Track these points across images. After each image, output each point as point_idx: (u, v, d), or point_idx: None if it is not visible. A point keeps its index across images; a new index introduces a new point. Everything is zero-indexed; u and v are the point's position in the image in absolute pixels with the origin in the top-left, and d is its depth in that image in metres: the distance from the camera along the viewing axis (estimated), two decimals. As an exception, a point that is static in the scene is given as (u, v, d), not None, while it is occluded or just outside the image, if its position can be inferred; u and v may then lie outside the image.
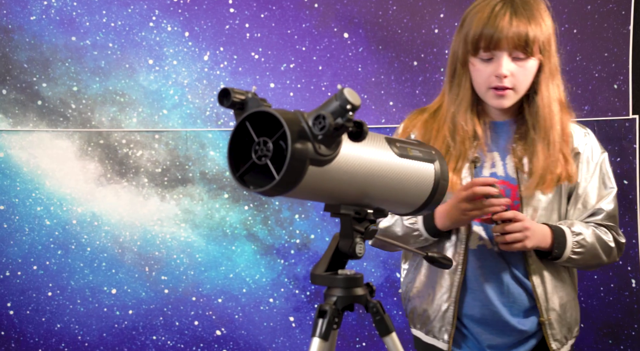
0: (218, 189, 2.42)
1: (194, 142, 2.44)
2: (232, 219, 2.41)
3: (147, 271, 2.39)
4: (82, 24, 2.42)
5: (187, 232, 2.41)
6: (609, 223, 1.35)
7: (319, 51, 2.41)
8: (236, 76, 2.42)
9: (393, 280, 2.37)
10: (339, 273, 1.16)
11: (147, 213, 2.41)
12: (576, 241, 1.29)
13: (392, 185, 1.15)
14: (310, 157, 1.01)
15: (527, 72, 1.23)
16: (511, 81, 1.24)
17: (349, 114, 1.02)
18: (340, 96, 1.03)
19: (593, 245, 1.31)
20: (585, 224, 1.34)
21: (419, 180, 1.18)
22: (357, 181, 1.10)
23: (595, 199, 1.34)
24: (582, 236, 1.30)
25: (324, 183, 1.06)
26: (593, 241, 1.31)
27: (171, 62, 2.43)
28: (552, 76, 1.23)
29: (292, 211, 2.40)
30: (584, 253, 1.30)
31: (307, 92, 2.41)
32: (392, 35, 2.35)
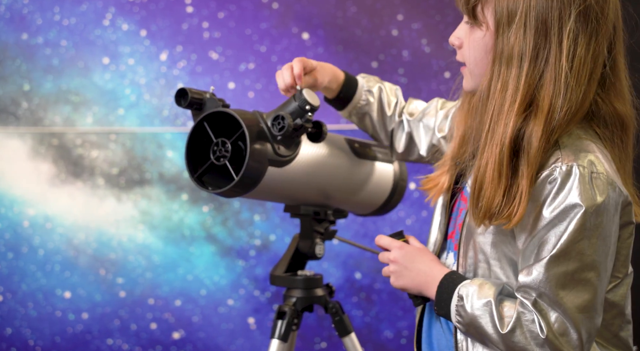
0: (176, 190, 2.38)
1: (151, 143, 2.40)
2: (190, 221, 2.38)
3: (103, 274, 2.34)
4: (33, 21, 2.35)
5: (145, 234, 2.36)
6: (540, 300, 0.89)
7: (278, 52, 2.40)
8: (194, 76, 2.39)
9: (353, 281, 2.38)
10: (298, 274, 1.16)
11: (103, 214, 2.35)
12: (457, 306, 0.93)
13: (351, 186, 1.15)
14: (269, 158, 1.01)
15: (471, 45, 0.94)
16: (461, 54, 0.98)
17: (308, 115, 1.02)
18: (299, 96, 1.02)
19: (473, 319, 0.92)
20: (497, 284, 0.93)
21: (378, 181, 1.19)
22: (316, 181, 1.10)
23: (551, 248, 0.89)
24: (463, 303, 0.93)
25: (283, 184, 1.05)
26: (479, 313, 0.91)
27: (127, 61, 2.38)
28: (507, 63, 0.90)
29: (251, 212, 2.39)
30: (466, 325, 0.93)
31: (267, 93, 2.40)
32: (351, 37, 2.36)
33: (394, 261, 1.01)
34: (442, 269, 0.98)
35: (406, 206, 2.38)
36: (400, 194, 1.24)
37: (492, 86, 0.91)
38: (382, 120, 1.22)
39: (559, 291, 0.87)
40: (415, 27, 2.48)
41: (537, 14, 0.90)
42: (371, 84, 1.21)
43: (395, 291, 2.34)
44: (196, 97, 1.04)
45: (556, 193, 0.88)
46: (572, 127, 0.91)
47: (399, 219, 2.37)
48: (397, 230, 1.04)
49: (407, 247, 1.02)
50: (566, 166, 0.88)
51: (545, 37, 0.90)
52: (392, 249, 1.02)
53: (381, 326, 2.38)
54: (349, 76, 1.21)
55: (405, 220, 2.39)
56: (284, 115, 1.00)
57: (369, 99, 1.20)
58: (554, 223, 0.88)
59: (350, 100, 1.19)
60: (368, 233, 2.40)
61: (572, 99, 0.89)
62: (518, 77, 0.89)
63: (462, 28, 0.97)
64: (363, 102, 1.20)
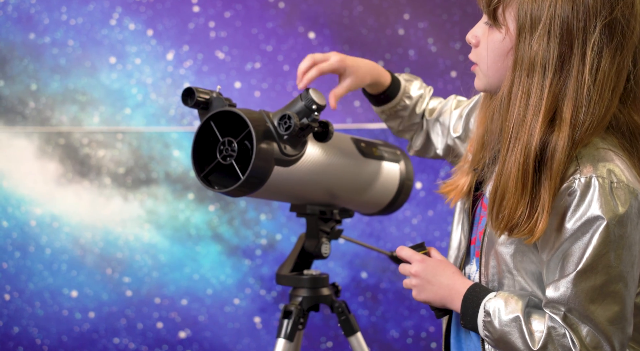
0: (182, 189, 2.39)
1: (157, 142, 2.41)
2: (196, 220, 2.39)
3: (109, 273, 2.35)
4: (40, 21, 2.36)
5: (151, 233, 2.37)
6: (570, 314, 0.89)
7: (284, 51, 2.40)
8: (201, 75, 2.39)
9: (359, 280, 2.39)
10: (304, 273, 1.17)
11: (109, 213, 2.37)
12: (484, 321, 0.93)
13: (357, 185, 1.16)
14: (275, 157, 1.01)
15: (489, 46, 0.93)
16: (476, 53, 0.97)
17: (314, 114, 1.02)
18: (306, 96, 1.03)
19: (502, 335, 0.91)
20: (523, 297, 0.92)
21: (384, 180, 1.19)
22: (322, 181, 1.10)
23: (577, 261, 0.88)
24: (490, 319, 0.92)
25: (289, 183, 1.05)
26: (507, 329, 0.91)
27: (134, 60, 2.40)
28: (529, 71, 0.88)
29: (257, 212, 2.39)
30: (495, 341, 0.92)
31: (273, 92, 2.41)
32: (357, 36, 2.36)
33: (415, 275, 1.00)
34: (464, 282, 0.97)
35: (412, 205, 2.38)
36: (406, 193, 1.24)
37: (513, 93, 0.90)
38: (410, 122, 1.23)
39: (589, 305, 0.87)
40: (421, 26, 2.47)
41: (562, 23, 0.87)
42: (411, 87, 1.21)
43: (401, 290, 2.34)
44: (202, 96, 1.04)
45: (577, 205, 0.87)
46: (592, 139, 0.89)
47: (405, 218, 2.37)
48: (419, 241, 1.03)
49: (429, 260, 1.01)
50: (585, 178, 0.87)
51: (569, 48, 0.88)
52: (413, 262, 1.01)
53: (387, 326, 2.38)
54: (395, 79, 1.20)
55: (411, 220, 2.39)
56: (291, 114, 1.00)
57: (406, 103, 1.20)
58: (576, 235, 0.87)
59: (389, 102, 1.20)
60: (374, 233, 2.40)
61: (595, 113, 0.87)
62: (542, 86, 0.88)
63: (480, 27, 0.96)
64: (400, 107, 1.20)
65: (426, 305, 1.06)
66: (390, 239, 2.37)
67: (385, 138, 2.37)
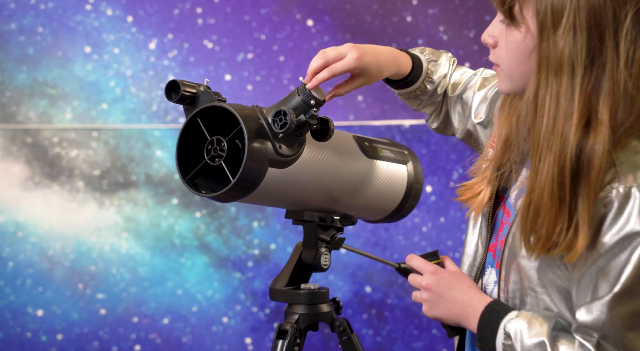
0: (165, 194, 2.40)
1: (138, 141, 2.42)
2: (181, 228, 2.40)
3: (81, 288, 2.36)
4: (5, 5, 2.38)
5: (130, 243, 2.38)
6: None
7: (280, 40, 2.42)
8: (187, 67, 2.41)
9: (362, 295, 2.40)
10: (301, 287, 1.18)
11: (82, 221, 2.37)
12: (504, 344, 0.93)
13: (360, 188, 1.17)
14: (269, 157, 1.02)
15: (509, 47, 0.94)
16: (495, 55, 0.97)
17: (312, 110, 1.03)
18: (303, 90, 1.04)
19: None
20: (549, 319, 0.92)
21: (390, 183, 1.21)
22: (321, 184, 1.12)
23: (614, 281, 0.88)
24: (511, 342, 0.92)
25: (285, 187, 1.07)
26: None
27: (112, 50, 2.41)
28: (557, 71, 0.89)
29: (249, 219, 2.41)
30: None
31: (267, 85, 2.42)
32: (360, 24, 2.38)
33: (427, 288, 1.00)
34: (482, 299, 0.97)
35: (422, 211, 2.40)
36: (415, 198, 1.25)
37: (540, 97, 0.90)
38: (430, 101, 1.24)
39: (627, 333, 0.86)
40: (431, 12, 2.49)
41: (588, 15, 0.87)
42: (435, 71, 1.21)
43: (410, 307, 2.35)
44: (189, 90, 1.05)
45: (614, 218, 0.86)
46: (631, 141, 0.89)
47: (414, 225, 2.39)
48: (431, 250, 1.03)
49: (442, 272, 1.01)
50: (624, 188, 0.86)
51: (599, 41, 0.87)
52: (424, 274, 1.01)
53: (394, 347, 2.39)
54: (416, 63, 1.19)
55: (421, 227, 2.40)
56: (286, 110, 1.02)
57: (427, 88, 1.22)
58: (613, 252, 0.86)
59: (409, 86, 1.21)
60: (379, 242, 2.41)
61: (634, 110, 0.87)
62: (572, 87, 0.87)
63: (496, 25, 0.96)
64: (419, 91, 1.22)
65: (438, 322, 1.06)
66: (398, 249, 2.38)
67: (392, 136, 2.39)
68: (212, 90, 1.07)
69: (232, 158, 1.03)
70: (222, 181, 1.03)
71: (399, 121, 2.42)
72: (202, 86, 1.07)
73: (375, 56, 1.11)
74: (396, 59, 1.16)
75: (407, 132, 2.43)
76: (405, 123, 2.42)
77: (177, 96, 1.06)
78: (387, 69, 1.14)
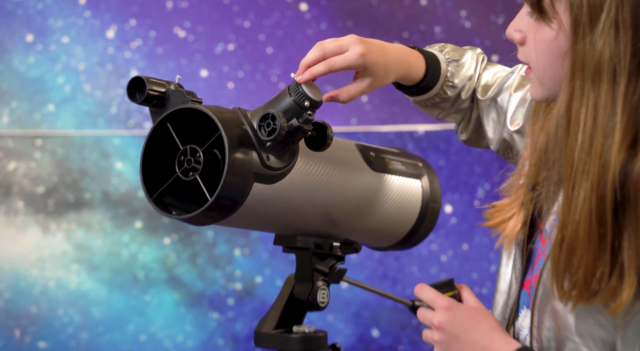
0: (127, 215, 2.40)
1: (93, 151, 2.43)
2: (146, 258, 2.40)
3: (18, 336, 2.34)
4: None
5: (81, 277, 2.38)
6: None
7: (267, 28, 2.43)
8: (154, 60, 2.42)
9: (368, 340, 2.39)
10: (294, 330, 1.18)
11: (21, 250, 2.37)
12: None
13: (365, 209, 1.18)
14: (255, 171, 1.03)
15: (538, 47, 0.95)
16: (524, 54, 0.98)
17: (307, 113, 1.04)
18: (296, 89, 1.05)
19: None
20: None
21: (402, 202, 1.22)
22: (318, 203, 1.12)
23: None
24: None
25: (274, 206, 1.07)
26: None
27: (60, 38, 2.42)
28: (594, 77, 0.89)
29: (230, 245, 2.41)
30: None
31: (252, 83, 2.44)
32: (364, 8, 2.40)
33: (439, 328, 1.00)
34: (507, 343, 0.97)
35: (440, 236, 2.40)
36: (431, 220, 1.26)
37: (574, 109, 0.90)
38: (453, 108, 1.24)
39: None
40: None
41: (634, 8, 0.87)
42: (457, 74, 1.21)
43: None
44: (156, 89, 1.06)
45: None
46: None
47: (430, 254, 2.39)
48: (445, 278, 1.03)
49: (458, 308, 1.01)
50: None
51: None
52: (437, 309, 1.01)
53: (407, 404, 2.38)
54: (432, 65, 1.19)
55: (439, 256, 2.41)
56: (275, 114, 1.03)
57: (447, 95, 1.22)
58: None
59: (425, 93, 1.21)
60: (388, 274, 2.41)
61: None
62: (613, 97, 0.87)
63: (524, 18, 0.96)
64: (439, 99, 1.22)
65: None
66: (411, 283, 2.38)
67: (403, 145, 2.40)
68: (185, 89, 1.08)
69: (210, 172, 1.04)
70: (197, 199, 1.04)
71: (412, 126, 2.43)
72: (173, 83, 1.08)
73: (383, 55, 1.11)
74: (405, 60, 1.16)
75: (421, 139, 2.44)
76: (419, 129, 2.43)
77: (141, 95, 1.06)
78: (395, 72, 1.14)
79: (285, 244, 1.18)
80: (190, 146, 1.04)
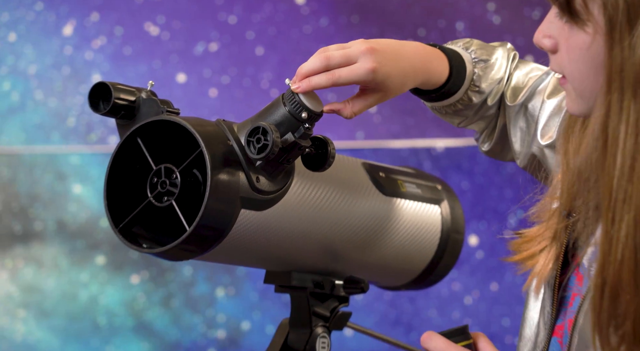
0: (87, 249, 2.40)
1: (46, 171, 2.43)
2: (109, 301, 2.40)
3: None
4: None
5: (29, 325, 2.37)
6: None
7: (257, 25, 2.44)
8: (120, 63, 2.43)
9: (378, 400, 2.39)
10: (288, 387, 1.18)
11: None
12: None
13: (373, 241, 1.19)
14: (242, 195, 1.04)
15: (571, 54, 0.97)
16: (557, 62, 1.01)
17: (305, 127, 1.05)
18: (291, 98, 1.06)
19: None
20: None
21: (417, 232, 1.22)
22: (317, 234, 1.13)
23: None
24: None
25: (264, 237, 1.08)
26: None
27: (6, 36, 2.43)
28: (635, 89, 0.92)
29: (212, 284, 2.40)
30: None
31: (239, 90, 2.44)
32: (372, 1, 2.41)
33: None
34: None
35: (464, 273, 2.40)
36: (452, 253, 1.26)
37: (612, 127, 0.91)
38: (477, 116, 1.26)
39: None
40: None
41: None
42: (486, 77, 1.22)
43: None
44: (124, 97, 1.07)
45: None
46: None
47: (452, 295, 2.38)
48: (459, 325, 1.04)
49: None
50: None
51: None
52: None
53: None
54: (456, 67, 1.20)
55: (462, 297, 2.40)
56: (267, 127, 1.04)
57: (471, 101, 1.23)
58: None
59: (446, 98, 1.22)
60: (402, 319, 2.40)
61: None
62: None
63: (553, 21, 0.98)
64: (461, 105, 1.23)
65: None
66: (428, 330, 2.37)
67: (419, 164, 2.41)
68: (159, 97, 1.09)
69: (188, 196, 1.05)
70: (172, 229, 1.05)
71: (429, 141, 2.43)
72: (144, 91, 1.09)
73: (399, 63, 1.12)
74: (425, 64, 1.17)
75: (440, 157, 2.45)
76: (438, 144, 2.44)
77: (106, 105, 1.07)
78: (412, 81, 1.15)
79: (278, 283, 1.18)
80: (165, 166, 1.05)
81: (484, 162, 2.41)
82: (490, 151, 1.30)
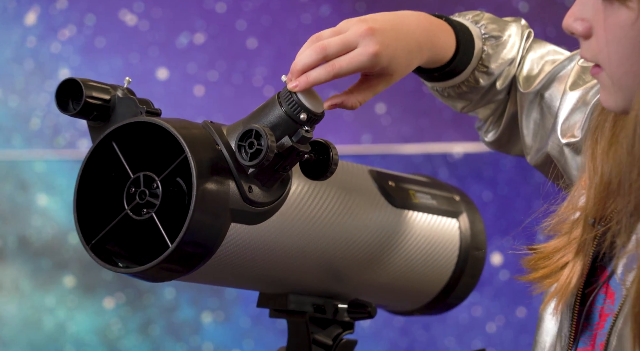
0: (53, 269, 2.40)
1: (6, 181, 2.44)
2: (79, 328, 2.40)
3: None
4: None
5: (-11, 354, 2.38)
6: None
7: (248, 14, 2.45)
8: (92, 55, 2.44)
9: None
10: None
11: None
12: None
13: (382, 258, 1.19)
14: (232, 207, 1.04)
15: (609, 35, 0.96)
16: (590, 49, 1.00)
17: (303, 130, 1.06)
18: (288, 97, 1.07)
19: None
20: None
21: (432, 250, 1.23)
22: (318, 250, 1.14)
23: None
24: None
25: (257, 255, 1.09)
26: None
27: (-36, 27, 2.44)
28: None
29: (197, 308, 2.40)
30: None
31: (228, 87, 2.45)
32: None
33: None
34: None
35: (486, 296, 2.40)
36: (472, 274, 1.27)
37: None
38: (484, 101, 1.27)
39: None
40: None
41: None
42: (496, 56, 1.23)
43: None
44: (97, 96, 1.08)
45: None
46: None
47: (472, 321, 2.39)
48: (476, 349, 1.05)
49: None
50: None
51: None
52: None
53: None
54: (464, 42, 1.21)
55: (484, 324, 2.40)
56: (260, 130, 1.04)
57: (478, 83, 1.24)
58: None
59: (449, 78, 1.23)
60: (415, 347, 2.40)
61: None
62: None
63: (586, 3, 0.98)
64: (466, 87, 1.24)
65: None
66: (446, 361, 2.38)
67: (433, 172, 2.41)
68: (137, 95, 1.10)
69: (171, 208, 1.06)
70: (152, 246, 1.05)
71: (446, 146, 2.44)
72: (120, 88, 1.10)
73: (402, 41, 1.12)
74: (431, 38, 1.17)
75: (459, 164, 2.45)
76: (455, 149, 2.44)
77: (77, 105, 1.08)
78: (418, 59, 1.16)
79: (274, 307, 1.19)
80: (144, 174, 1.06)
81: (509, 169, 2.42)
82: (494, 141, 1.31)
